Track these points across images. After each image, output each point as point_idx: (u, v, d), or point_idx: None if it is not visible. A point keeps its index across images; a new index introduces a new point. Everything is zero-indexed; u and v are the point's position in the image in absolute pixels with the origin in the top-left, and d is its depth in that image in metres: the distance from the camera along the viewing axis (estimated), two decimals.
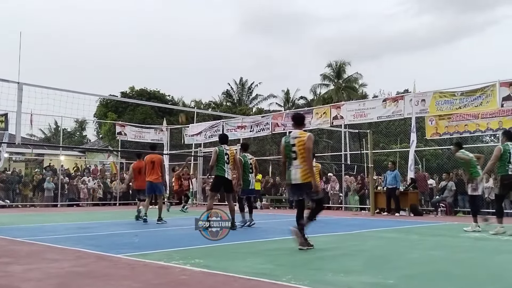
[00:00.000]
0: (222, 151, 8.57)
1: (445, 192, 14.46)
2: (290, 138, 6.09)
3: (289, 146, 6.03)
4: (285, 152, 6.04)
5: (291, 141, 6.03)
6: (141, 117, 30.44)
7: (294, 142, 6.00)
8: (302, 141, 5.95)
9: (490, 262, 5.31)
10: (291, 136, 6.10)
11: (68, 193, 20.13)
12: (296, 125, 6.29)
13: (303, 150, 5.92)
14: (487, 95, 13.78)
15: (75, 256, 5.48)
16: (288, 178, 6.03)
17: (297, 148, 5.96)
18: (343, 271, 4.53)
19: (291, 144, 6.01)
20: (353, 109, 17.18)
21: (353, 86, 38.85)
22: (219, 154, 8.51)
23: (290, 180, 5.99)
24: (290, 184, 6.06)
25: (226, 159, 8.52)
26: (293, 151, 5.97)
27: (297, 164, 5.93)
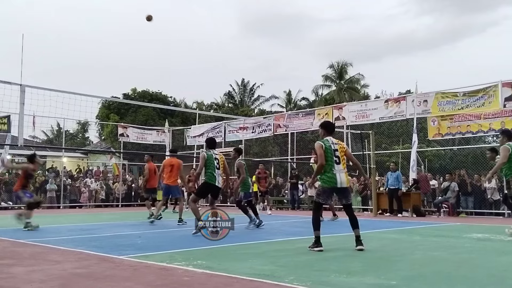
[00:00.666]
0: (211, 156, 7.97)
1: (448, 192, 14.42)
2: (330, 143, 6.19)
3: (331, 150, 6.13)
4: (327, 156, 6.09)
5: (333, 146, 6.17)
6: (143, 119, 30.50)
7: (337, 148, 6.15)
8: (343, 148, 6.31)
9: (492, 263, 5.29)
10: (331, 142, 6.22)
11: (70, 194, 20.16)
12: (329, 132, 6.44)
13: (345, 156, 6.22)
14: (489, 96, 13.76)
15: (77, 257, 5.49)
16: (330, 181, 6.05)
17: (340, 153, 6.15)
18: (345, 272, 4.53)
19: (333, 149, 6.14)
20: (355, 110, 17.18)
21: (355, 87, 38.83)
22: (208, 159, 7.90)
23: (335, 183, 6.05)
24: (334, 188, 6.12)
25: (217, 164, 7.92)
26: (336, 156, 6.11)
27: (341, 168, 6.11)
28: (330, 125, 6.78)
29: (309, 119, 18.68)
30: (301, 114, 19.74)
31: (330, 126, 6.66)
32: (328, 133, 6.39)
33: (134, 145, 25.55)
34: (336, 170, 6.05)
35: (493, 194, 14.03)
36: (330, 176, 6.04)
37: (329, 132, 6.43)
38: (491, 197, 14.01)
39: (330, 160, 6.07)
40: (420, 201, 14.84)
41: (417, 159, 15.39)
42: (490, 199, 14.03)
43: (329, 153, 6.10)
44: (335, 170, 6.05)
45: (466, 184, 14.35)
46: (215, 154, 8.10)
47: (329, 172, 6.05)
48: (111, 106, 32.56)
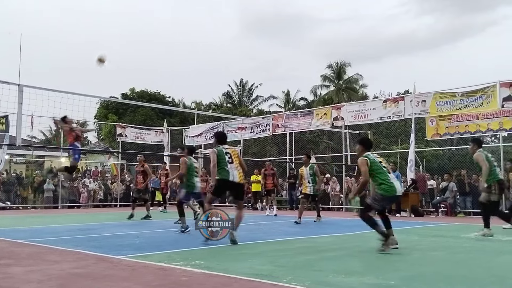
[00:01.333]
0: (221, 151, 7.22)
1: (446, 193, 14.45)
2: (371, 155, 6.50)
3: (376, 163, 6.41)
4: (377, 166, 6.38)
5: (377, 159, 6.48)
6: (141, 119, 30.47)
7: (381, 160, 6.54)
8: (383, 160, 6.66)
9: (491, 263, 5.30)
10: (371, 153, 6.59)
11: (69, 194, 20.13)
12: (368, 148, 6.69)
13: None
14: (487, 96, 13.78)
15: (76, 257, 5.47)
16: (391, 190, 6.29)
17: (385, 164, 6.58)
18: (344, 272, 4.52)
19: (379, 161, 6.45)
20: (353, 110, 17.19)
21: (353, 87, 38.85)
22: (219, 154, 7.18)
23: (395, 191, 6.32)
24: (394, 196, 6.41)
25: (229, 158, 7.15)
26: (384, 166, 6.45)
27: (395, 177, 6.51)
28: (368, 141, 7.00)
29: (307, 119, 18.69)
30: (300, 114, 19.74)
31: (369, 143, 6.88)
32: (367, 149, 6.64)
33: (132, 145, 25.52)
34: (391, 178, 6.36)
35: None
36: (390, 184, 6.27)
37: (367, 148, 6.67)
38: None
39: (382, 170, 6.35)
40: (418, 201, 14.85)
41: (415, 159, 15.40)
42: None
43: (377, 165, 6.36)
44: (390, 178, 6.34)
45: (464, 184, 14.37)
46: (225, 148, 7.35)
47: (387, 182, 6.28)
48: (109, 106, 32.51)
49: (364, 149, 6.58)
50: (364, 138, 7.38)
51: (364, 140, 6.94)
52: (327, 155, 23.07)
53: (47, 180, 19.36)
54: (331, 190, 17.65)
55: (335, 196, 17.71)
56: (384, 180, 6.24)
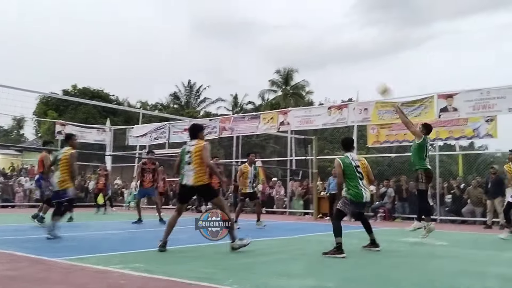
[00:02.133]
0: (183, 150, 6.53)
1: (385, 198, 14.96)
2: (349, 158, 6.56)
3: (350, 167, 6.49)
4: (353, 173, 6.47)
5: (354, 162, 6.53)
6: (83, 117, 29.43)
7: (359, 164, 6.59)
8: (365, 164, 6.76)
9: (425, 266, 5.53)
10: (350, 155, 6.65)
11: (3, 193, 19.11)
12: (348, 149, 6.81)
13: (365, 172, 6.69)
14: (425, 106, 14.43)
15: (8, 259, 5.20)
16: (358, 196, 6.38)
17: (362, 169, 6.60)
18: (285, 274, 4.57)
19: (355, 165, 6.51)
20: (299, 115, 17.47)
21: (300, 93, 39.50)
22: (181, 153, 6.52)
23: (362, 198, 6.42)
24: (360, 203, 6.50)
25: (188, 158, 6.33)
26: (359, 172, 6.53)
27: (365, 184, 6.53)
28: (347, 141, 7.00)
29: (254, 123, 18.80)
30: (247, 117, 19.82)
31: (347, 143, 6.92)
32: (347, 150, 6.73)
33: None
34: (361, 184, 6.40)
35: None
36: (357, 191, 6.33)
37: (347, 148, 6.76)
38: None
39: (353, 175, 6.40)
40: None
41: None
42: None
43: (351, 169, 6.42)
44: (360, 184, 6.38)
45: (402, 190, 14.94)
46: (189, 145, 6.47)
47: (354, 188, 6.35)
48: (49, 102, 31.20)
49: (344, 150, 6.77)
50: (345, 138, 7.22)
51: (344, 140, 7.03)
52: (273, 159, 23.30)
53: None
54: (276, 193, 17.83)
55: (279, 199, 17.89)
56: (353, 186, 6.35)
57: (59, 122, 22.61)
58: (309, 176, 16.81)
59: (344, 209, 6.47)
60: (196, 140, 6.51)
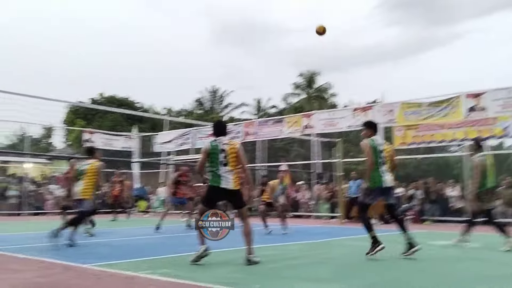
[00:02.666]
0: (215, 147, 5.74)
1: (413, 200, 14.73)
2: (377, 141, 6.46)
3: (378, 151, 6.34)
4: (375, 157, 6.31)
5: (379, 147, 6.40)
6: (110, 124, 29.96)
7: (382, 149, 6.44)
8: (390, 149, 6.77)
9: (450, 270, 5.42)
10: (378, 141, 6.51)
11: (34, 201, 19.59)
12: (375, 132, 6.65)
13: (389, 158, 6.60)
14: (452, 106, 14.16)
15: (40, 266, 5.33)
16: (379, 181, 6.30)
17: (386, 154, 6.47)
18: (312, 279, 4.55)
19: (379, 150, 6.37)
20: (323, 118, 17.38)
21: (323, 95, 39.30)
22: (211, 151, 5.76)
23: (382, 183, 6.30)
24: (380, 188, 6.33)
25: (223, 158, 5.72)
26: (381, 157, 6.38)
27: (386, 169, 6.39)
28: (374, 124, 6.81)
29: (278, 127, 18.77)
30: (271, 121, 19.82)
31: (375, 126, 6.76)
32: (374, 132, 6.59)
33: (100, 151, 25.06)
34: (381, 170, 6.28)
35: (456, 202, 14.39)
36: (378, 177, 6.25)
37: (374, 131, 6.61)
38: (454, 205, 14.37)
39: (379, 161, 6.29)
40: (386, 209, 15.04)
41: None
42: (453, 207, 14.38)
43: (376, 153, 6.30)
44: (380, 171, 6.28)
45: (430, 191, 14.68)
46: (222, 143, 5.79)
47: (374, 174, 6.25)
48: (77, 111, 31.88)
49: (372, 132, 6.57)
50: (370, 120, 7.11)
51: (369, 122, 6.84)
52: (297, 163, 23.21)
53: (7, 187, 18.80)
54: (301, 197, 17.75)
55: (304, 203, 17.80)
56: (373, 172, 6.28)
57: (87, 130, 23.07)
58: (334, 179, 16.68)
59: (366, 200, 6.49)
60: (227, 138, 5.94)
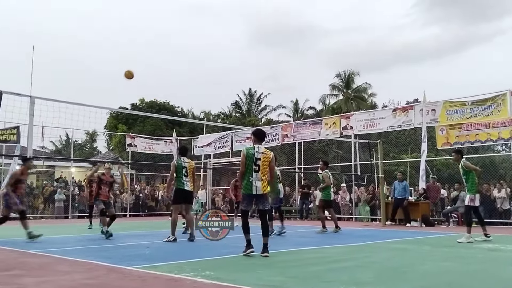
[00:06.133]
0: (180, 164, 8.64)
1: (457, 202, 14.31)
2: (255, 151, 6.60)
3: (252, 159, 6.57)
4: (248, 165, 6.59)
5: (257, 155, 6.57)
6: (151, 129, 30.63)
7: (260, 157, 6.59)
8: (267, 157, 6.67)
9: (504, 274, 5.23)
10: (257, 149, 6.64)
11: (79, 205, 20.21)
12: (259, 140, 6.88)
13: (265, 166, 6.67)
14: (498, 104, 13.67)
15: (86, 268, 5.49)
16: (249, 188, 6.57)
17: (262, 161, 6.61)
18: (354, 283, 4.49)
19: (256, 158, 6.57)
20: (362, 119, 17.13)
21: (362, 96, 38.81)
22: (177, 167, 8.62)
23: (253, 190, 6.53)
24: (250, 195, 6.58)
25: (185, 172, 8.63)
26: (257, 164, 6.57)
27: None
28: (260, 132, 6.99)
29: (316, 129, 18.65)
30: (308, 123, 19.70)
31: (258, 134, 6.91)
32: (258, 141, 6.74)
33: (142, 155, 25.65)
34: (253, 178, 6.44)
35: (503, 204, 13.91)
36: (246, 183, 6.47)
37: (258, 139, 6.77)
38: (501, 206, 13.89)
39: (250, 168, 6.46)
40: (429, 211, 14.72)
41: (426, 168, 15.30)
42: (500, 209, 13.90)
43: (249, 161, 6.48)
44: (252, 178, 6.44)
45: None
46: (184, 162, 8.72)
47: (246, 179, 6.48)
48: (119, 116, 32.74)
49: (255, 139, 6.77)
50: (256, 129, 7.44)
51: (254, 131, 7.08)
52: (336, 165, 22.99)
53: (57, 190, 19.49)
54: (341, 199, 17.57)
55: (345, 205, 17.62)
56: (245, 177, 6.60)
57: (129, 135, 23.66)
58: (374, 181, 16.43)
59: (242, 205, 6.56)
60: (262, 146, 6.74)
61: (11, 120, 14.41)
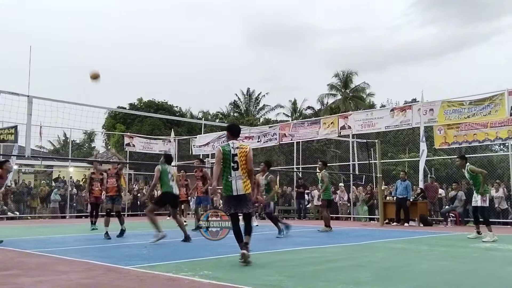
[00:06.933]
0: (165, 169, 8.75)
1: (455, 202, 14.33)
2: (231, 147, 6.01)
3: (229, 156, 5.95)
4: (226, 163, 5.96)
5: (233, 151, 5.98)
6: (149, 128, 30.62)
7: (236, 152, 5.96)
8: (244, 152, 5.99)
9: (501, 273, 5.24)
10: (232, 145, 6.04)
11: (77, 204, 20.19)
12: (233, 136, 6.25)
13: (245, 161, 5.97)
14: (495, 104, 13.70)
15: (84, 268, 5.49)
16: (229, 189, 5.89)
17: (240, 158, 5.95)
18: (352, 282, 4.49)
19: (233, 154, 5.95)
20: (360, 119, 17.15)
21: (360, 95, 38.83)
22: (162, 171, 8.72)
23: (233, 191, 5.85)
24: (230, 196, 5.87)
25: (171, 177, 8.78)
26: (235, 161, 5.92)
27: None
28: (234, 127, 6.33)
29: (314, 128, 18.67)
30: (307, 123, 19.73)
31: (232, 129, 6.27)
32: (232, 137, 6.10)
33: (140, 155, 25.63)
34: (233, 177, 5.77)
35: (500, 203, 13.93)
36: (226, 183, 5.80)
37: (232, 135, 6.12)
38: (499, 206, 13.91)
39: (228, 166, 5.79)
40: (427, 210, 14.74)
41: (424, 168, 15.32)
42: (497, 208, 13.92)
43: (227, 158, 5.82)
44: (231, 177, 5.78)
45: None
46: (169, 168, 8.90)
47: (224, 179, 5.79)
48: (117, 116, 32.71)
49: (229, 135, 6.16)
50: (229, 124, 6.73)
51: (228, 126, 6.46)
52: (334, 164, 23.00)
53: (54, 190, 19.45)
54: (339, 199, 17.58)
55: (343, 205, 17.63)
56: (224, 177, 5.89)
57: (127, 134, 23.63)
58: (373, 180, 16.44)
59: (223, 209, 5.98)
60: (238, 141, 6.15)
61: (9, 119, 14.42)
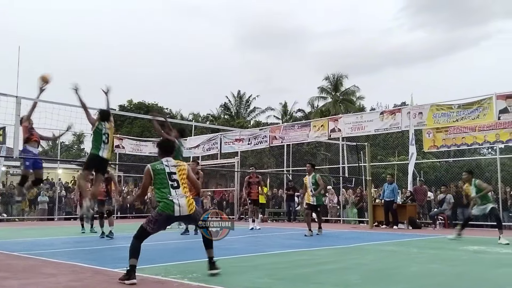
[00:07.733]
0: (161, 170, 5.26)
1: (444, 204, 14.43)
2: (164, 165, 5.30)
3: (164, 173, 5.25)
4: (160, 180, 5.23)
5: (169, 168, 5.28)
6: (138, 130, 30.46)
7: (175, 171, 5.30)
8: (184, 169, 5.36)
9: (491, 276, 5.28)
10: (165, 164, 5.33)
11: (65, 206, 20.00)
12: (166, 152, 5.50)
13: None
14: (484, 108, 13.83)
15: (71, 270, 5.43)
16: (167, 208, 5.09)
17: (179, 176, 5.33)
18: (342, 285, 4.50)
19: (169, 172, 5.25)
20: (350, 121, 17.23)
21: (350, 98, 38.99)
22: (96, 130, 7.77)
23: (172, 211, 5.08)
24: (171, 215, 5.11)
25: (105, 139, 7.74)
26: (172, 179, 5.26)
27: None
28: (166, 144, 5.58)
29: (305, 131, 18.71)
30: (297, 126, 19.77)
31: (166, 146, 5.53)
32: (165, 154, 5.40)
33: (129, 157, 25.48)
34: (174, 195, 5.06)
35: None
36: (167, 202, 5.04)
37: (164, 152, 5.42)
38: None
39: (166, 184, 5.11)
40: (416, 213, 14.82)
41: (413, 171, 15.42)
42: None
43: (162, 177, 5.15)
44: (172, 196, 5.05)
45: (461, 196, 14.35)
46: (105, 127, 7.87)
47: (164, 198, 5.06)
48: None
49: (160, 153, 5.44)
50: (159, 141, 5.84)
51: (158, 143, 5.76)
52: (324, 167, 23.08)
53: (41, 192, 19.26)
54: (329, 202, 17.61)
55: (332, 208, 17.66)
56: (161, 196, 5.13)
57: (116, 136, 23.47)
58: (362, 183, 16.50)
59: (147, 227, 5.09)
60: (172, 159, 5.42)
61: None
